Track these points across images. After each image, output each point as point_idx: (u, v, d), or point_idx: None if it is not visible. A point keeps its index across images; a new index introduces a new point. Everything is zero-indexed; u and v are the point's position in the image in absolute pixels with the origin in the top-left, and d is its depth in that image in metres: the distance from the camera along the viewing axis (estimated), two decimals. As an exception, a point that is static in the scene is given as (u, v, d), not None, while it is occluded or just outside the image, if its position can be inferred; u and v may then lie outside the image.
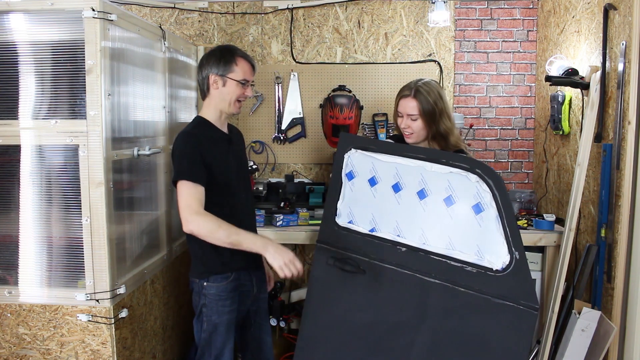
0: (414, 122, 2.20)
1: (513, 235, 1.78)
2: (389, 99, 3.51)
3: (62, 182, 2.15)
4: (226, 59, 2.13)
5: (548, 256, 2.75)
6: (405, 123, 2.22)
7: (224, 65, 2.13)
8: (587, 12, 2.70)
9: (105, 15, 2.05)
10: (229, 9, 3.56)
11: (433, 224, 1.96)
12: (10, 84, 2.14)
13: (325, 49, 3.55)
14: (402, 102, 2.22)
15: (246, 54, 2.20)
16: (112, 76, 2.14)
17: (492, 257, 1.82)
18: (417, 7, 3.49)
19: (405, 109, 2.20)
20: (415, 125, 2.20)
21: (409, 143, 2.25)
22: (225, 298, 2.17)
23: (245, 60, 2.17)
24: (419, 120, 2.19)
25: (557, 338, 2.52)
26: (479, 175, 1.84)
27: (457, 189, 1.89)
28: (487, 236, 1.83)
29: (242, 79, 2.14)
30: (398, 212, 2.03)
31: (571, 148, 2.87)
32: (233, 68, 2.13)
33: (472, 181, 1.85)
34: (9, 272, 2.23)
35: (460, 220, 1.90)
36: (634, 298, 2.23)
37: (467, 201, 1.88)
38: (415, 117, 2.19)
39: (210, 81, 2.14)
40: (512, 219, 1.81)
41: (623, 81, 2.27)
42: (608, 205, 2.36)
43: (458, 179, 1.89)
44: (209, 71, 2.14)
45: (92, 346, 2.17)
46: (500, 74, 3.53)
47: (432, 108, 2.17)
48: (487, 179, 1.83)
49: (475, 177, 1.85)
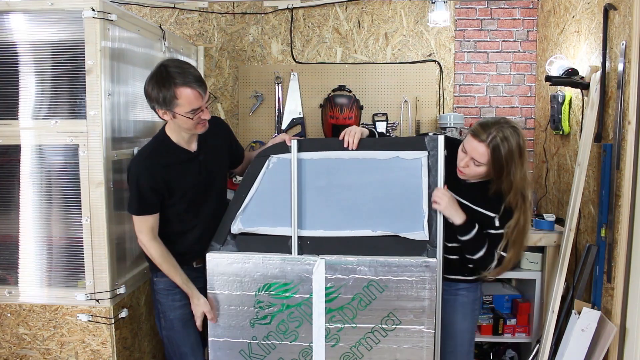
0: (475, 167, 1.97)
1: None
2: (389, 99, 3.51)
3: (62, 182, 2.15)
4: (164, 95, 1.90)
5: (548, 256, 2.75)
6: (465, 162, 1.98)
7: (164, 102, 1.92)
8: (587, 12, 2.70)
9: (105, 15, 2.05)
10: (229, 9, 3.56)
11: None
12: (10, 84, 2.14)
13: (325, 49, 3.55)
14: (473, 142, 1.94)
15: (188, 77, 1.91)
16: (112, 76, 2.14)
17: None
18: (417, 7, 3.49)
19: (473, 152, 1.94)
20: (475, 170, 1.98)
21: (461, 178, 2.06)
22: (175, 292, 2.16)
23: (186, 87, 1.90)
24: (483, 168, 1.96)
25: (557, 338, 2.52)
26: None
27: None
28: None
29: (189, 111, 1.93)
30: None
31: (571, 148, 2.87)
32: (175, 102, 1.91)
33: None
34: (9, 272, 2.23)
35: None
36: (634, 298, 2.23)
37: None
38: (479, 164, 1.96)
39: (160, 114, 1.98)
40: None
41: (623, 81, 2.27)
42: (608, 205, 2.36)
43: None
44: (154, 105, 1.96)
45: (92, 346, 2.17)
46: (500, 74, 3.53)
47: (502, 165, 1.92)
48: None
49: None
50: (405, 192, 2.09)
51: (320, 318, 2.11)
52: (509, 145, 1.90)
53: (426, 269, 2.05)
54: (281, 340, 2.14)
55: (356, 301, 2.09)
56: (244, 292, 2.13)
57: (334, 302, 2.10)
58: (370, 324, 2.10)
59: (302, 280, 2.10)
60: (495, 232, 2.02)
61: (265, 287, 2.12)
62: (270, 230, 2.13)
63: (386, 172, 2.10)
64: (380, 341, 2.11)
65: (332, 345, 2.13)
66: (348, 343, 2.12)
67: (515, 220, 1.99)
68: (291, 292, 2.11)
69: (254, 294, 2.13)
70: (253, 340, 2.15)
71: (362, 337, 2.11)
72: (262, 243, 2.13)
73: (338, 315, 2.11)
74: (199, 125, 2.01)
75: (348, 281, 2.09)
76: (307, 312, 2.11)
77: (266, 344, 2.15)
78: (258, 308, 2.13)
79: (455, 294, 2.18)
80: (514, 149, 1.91)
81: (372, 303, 2.09)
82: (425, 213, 2.06)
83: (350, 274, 2.08)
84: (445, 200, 2.00)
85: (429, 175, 2.07)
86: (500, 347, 3.15)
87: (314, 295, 2.10)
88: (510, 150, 1.90)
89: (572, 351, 2.40)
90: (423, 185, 2.07)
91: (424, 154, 2.07)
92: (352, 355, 2.13)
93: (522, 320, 2.94)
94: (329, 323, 2.12)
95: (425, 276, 2.05)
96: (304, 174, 2.12)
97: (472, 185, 2.07)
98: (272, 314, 2.13)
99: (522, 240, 2.03)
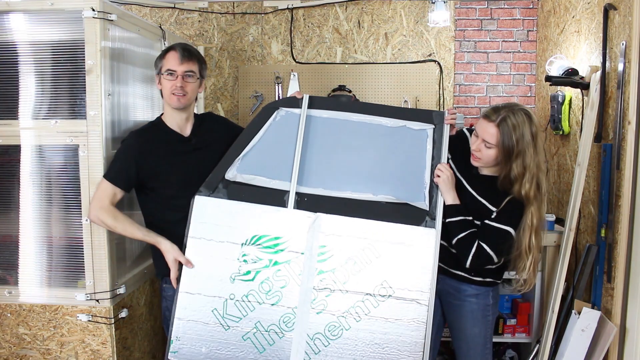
0: (486, 150, 1.98)
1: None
2: (389, 98, 3.51)
3: (62, 182, 2.15)
4: (159, 59, 2.11)
5: (548, 256, 2.75)
6: (477, 145, 2.00)
7: (158, 64, 2.11)
8: (587, 12, 2.70)
9: (105, 15, 2.05)
10: (229, 9, 3.56)
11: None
12: (11, 84, 2.14)
13: (325, 49, 3.55)
14: (483, 123, 1.97)
15: (180, 43, 2.14)
16: (112, 76, 2.14)
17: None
18: (417, 7, 3.49)
19: (483, 133, 1.96)
20: (487, 153, 1.98)
21: (475, 165, 2.08)
22: None
23: (173, 50, 2.09)
24: (493, 150, 1.96)
25: (557, 338, 2.52)
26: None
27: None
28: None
29: (166, 70, 2.07)
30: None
31: (571, 148, 2.87)
32: (162, 63, 2.09)
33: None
34: (9, 272, 2.23)
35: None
36: (634, 298, 2.23)
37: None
38: (490, 145, 1.96)
39: (157, 84, 2.14)
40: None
41: (623, 81, 2.27)
42: (608, 205, 2.36)
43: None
44: (155, 74, 2.15)
45: (92, 346, 2.17)
46: (500, 74, 3.53)
47: (512, 145, 1.91)
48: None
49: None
50: (409, 162, 2.10)
51: (310, 278, 1.98)
52: (520, 125, 1.90)
53: (424, 238, 2.02)
54: (262, 301, 1.98)
55: (350, 264, 2.00)
56: (230, 242, 2.00)
57: (326, 262, 2.00)
58: (361, 290, 1.99)
59: (295, 236, 2.00)
60: (490, 224, 2.01)
61: (253, 239, 2.00)
62: (267, 182, 2.06)
63: (392, 139, 2.11)
64: (370, 311, 1.98)
65: (317, 312, 1.98)
66: (336, 311, 1.98)
67: (534, 211, 1.96)
68: (281, 247, 2.00)
69: (240, 245, 2.00)
70: (230, 298, 1.98)
71: (352, 306, 1.98)
72: (256, 195, 2.04)
73: (328, 278, 1.99)
74: (172, 95, 2.07)
75: (343, 241, 2.01)
76: (295, 271, 1.99)
77: (244, 304, 1.98)
78: (242, 262, 1.99)
79: (463, 299, 2.15)
80: (524, 131, 1.90)
81: (366, 268, 2.00)
82: (427, 183, 2.08)
83: (347, 234, 2.02)
84: (445, 175, 2.04)
85: (434, 147, 2.09)
86: (500, 347, 3.15)
87: (306, 252, 1.99)
88: (521, 132, 1.90)
89: (572, 351, 2.40)
90: (427, 156, 2.09)
91: (430, 127, 2.12)
92: (339, 325, 1.98)
93: (522, 320, 2.93)
94: (318, 286, 1.98)
95: (422, 246, 2.01)
96: (310, 131, 2.10)
97: (482, 177, 2.10)
98: (256, 269, 1.99)
99: (540, 235, 2.01)
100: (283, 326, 1.99)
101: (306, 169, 2.08)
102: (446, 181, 2.04)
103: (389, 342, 1.98)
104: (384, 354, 1.98)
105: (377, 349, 1.98)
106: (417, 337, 1.98)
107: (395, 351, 1.98)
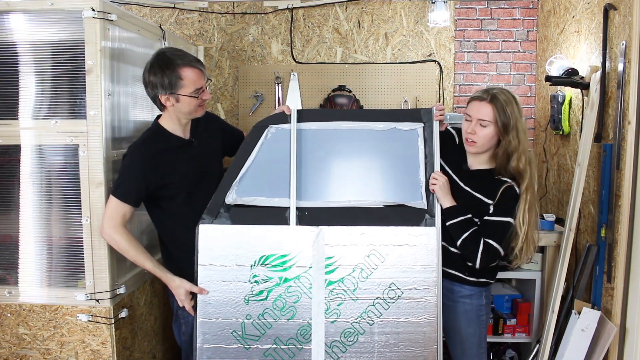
0: (482, 129, 2.02)
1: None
2: (389, 98, 3.51)
3: (62, 182, 2.15)
4: (169, 76, 1.96)
5: (548, 256, 2.75)
6: (472, 128, 2.03)
7: (169, 85, 1.97)
8: (587, 12, 2.70)
9: (105, 15, 2.05)
10: (229, 9, 3.56)
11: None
12: (10, 84, 2.14)
13: (325, 49, 3.55)
14: (474, 104, 2.04)
15: (188, 58, 2.00)
16: (112, 76, 2.14)
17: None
18: (417, 7, 3.49)
19: (477, 113, 2.02)
20: (483, 133, 2.02)
21: (470, 152, 2.12)
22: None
23: (189, 67, 1.98)
24: (490, 128, 2.01)
25: (557, 338, 2.52)
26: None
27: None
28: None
29: (194, 91, 2.00)
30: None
31: (571, 148, 2.87)
32: (180, 83, 1.97)
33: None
34: (9, 272, 2.23)
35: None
36: (634, 298, 2.23)
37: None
38: (486, 123, 2.01)
39: (162, 100, 2.01)
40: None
41: (623, 81, 2.27)
42: (608, 205, 2.36)
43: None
44: (157, 92, 2.00)
45: (92, 346, 2.17)
46: (500, 74, 3.53)
47: (508, 118, 1.99)
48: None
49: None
50: (403, 163, 2.12)
51: (320, 291, 2.06)
52: (510, 100, 2.01)
53: (426, 237, 2.05)
54: (278, 318, 2.06)
55: (357, 272, 2.06)
56: (239, 265, 2.06)
57: (334, 273, 2.06)
58: (371, 296, 2.06)
59: (301, 252, 2.06)
60: (489, 219, 2.06)
61: (261, 259, 2.06)
62: (266, 201, 2.09)
63: (384, 142, 2.13)
64: (382, 314, 2.06)
65: (332, 321, 2.06)
66: (349, 318, 2.06)
67: (527, 183, 2.03)
68: (289, 264, 2.06)
69: (249, 267, 2.06)
70: (247, 319, 2.06)
71: (364, 311, 2.06)
72: (257, 215, 2.08)
73: (338, 288, 2.06)
74: (200, 107, 2.06)
75: (348, 251, 2.06)
76: (305, 285, 2.06)
77: (261, 323, 2.06)
78: (253, 283, 2.06)
79: (456, 300, 2.17)
80: (513, 102, 2.02)
81: (373, 273, 2.06)
82: (422, 182, 2.10)
83: (351, 243, 2.06)
84: (441, 182, 2.07)
85: (425, 145, 2.12)
86: (500, 347, 3.15)
87: (314, 266, 2.05)
88: (512, 106, 2.00)
89: (572, 351, 2.40)
90: (420, 156, 2.12)
91: (419, 125, 2.14)
92: (354, 331, 2.07)
93: (522, 320, 2.93)
94: (329, 297, 2.06)
95: (425, 245, 2.05)
96: (302, 144, 2.12)
97: (473, 172, 2.14)
98: (268, 288, 2.06)
99: (534, 209, 2.07)
100: (301, 338, 2.07)
101: (303, 183, 2.11)
102: (442, 187, 2.07)
103: (403, 341, 2.07)
104: (400, 353, 2.07)
105: (393, 348, 2.07)
106: (430, 332, 2.06)
107: (410, 349, 2.07)
